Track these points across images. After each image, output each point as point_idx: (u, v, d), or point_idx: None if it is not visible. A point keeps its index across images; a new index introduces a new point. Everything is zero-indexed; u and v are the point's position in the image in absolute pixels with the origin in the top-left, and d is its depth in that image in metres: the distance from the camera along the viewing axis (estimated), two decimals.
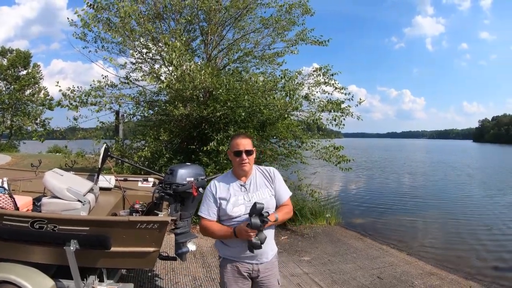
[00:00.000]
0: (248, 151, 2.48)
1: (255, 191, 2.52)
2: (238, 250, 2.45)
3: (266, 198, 2.52)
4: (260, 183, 2.57)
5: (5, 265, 2.92)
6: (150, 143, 7.41)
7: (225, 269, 2.51)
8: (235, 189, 2.51)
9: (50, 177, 3.37)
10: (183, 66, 6.74)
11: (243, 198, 2.48)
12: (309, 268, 5.36)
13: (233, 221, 2.44)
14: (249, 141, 2.55)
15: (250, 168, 2.54)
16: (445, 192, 14.63)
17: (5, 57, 31.77)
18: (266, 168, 2.68)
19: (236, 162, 2.51)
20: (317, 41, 8.84)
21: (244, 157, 2.46)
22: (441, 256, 6.61)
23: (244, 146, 2.48)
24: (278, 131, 8.18)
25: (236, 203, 2.46)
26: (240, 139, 2.52)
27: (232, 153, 2.52)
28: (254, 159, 2.58)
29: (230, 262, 2.50)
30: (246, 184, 2.53)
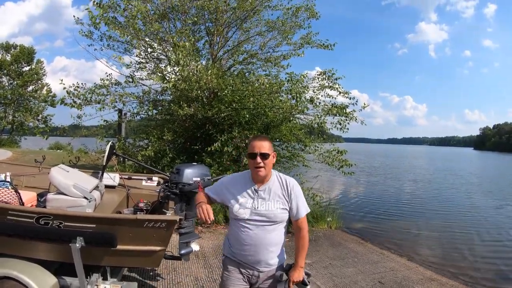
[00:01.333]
0: (263, 154, 2.33)
1: (266, 200, 2.39)
2: (240, 252, 2.42)
3: (276, 210, 2.39)
4: (275, 192, 2.43)
5: (7, 261, 2.90)
6: (154, 143, 7.42)
7: (226, 268, 2.49)
8: (248, 193, 2.42)
9: (56, 173, 3.32)
10: (190, 66, 6.75)
11: (252, 204, 2.39)
12: (310, 271, 5.34)
13: (237, 222, 2.42)
14: (268, 143, 2.39)
15: (266, 173, 2.39)
16: (447, 199, 14.59)
17: (9, 52, 31.77)
18: (287, 178, 2.50)
19: (251, 165, 2.39)
20: (322, 45, 8.86)
21: (258, 160, 2.32)
22: (441, 262, 6.60)
23: (260, 148, 2.34)
24: (282, 134, 8.19)
25: (243, 206, 2.39)
26: (257, 141, 2.38)
27: (248, 155, 2.41)
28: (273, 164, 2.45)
29: (232, 262, 2.47)
30: (260, 190, 2.41)
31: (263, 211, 2.38)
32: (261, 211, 2.38)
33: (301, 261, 2.48)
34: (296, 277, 2.41)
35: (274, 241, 2.44)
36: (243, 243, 2.40)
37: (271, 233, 2.42)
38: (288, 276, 2.41)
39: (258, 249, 2.39)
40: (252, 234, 2.37)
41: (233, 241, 2.48)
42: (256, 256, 2.41)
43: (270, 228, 2.41)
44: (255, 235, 2.37)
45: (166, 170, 6.82)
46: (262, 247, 2.40)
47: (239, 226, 2.41)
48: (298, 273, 2.43)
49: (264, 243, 2.40)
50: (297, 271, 2.43)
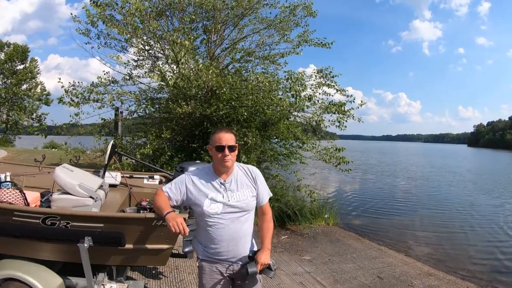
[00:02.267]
0: (231, 147, 2.35)
1: (235, 190, 2.42)
2: (216, 251, 2.40)
3: (247, 199, 2.43)
4: (242, 182, 2.47)
5: (11, 262, 2.88)
6: (152, 141, 7.41)
7: (203, 271, 2.44)
8: (215, 187, 2.40)
9: (61, 172, 3.27)
10: (189, 64, 6.75)
11: (222, 197, 2.37)
12: (310, 267, 5.42)
13: (209, 219, 2.36)
14: (233, 136, 2.42)
15: (231, 165, 2.41)
16: (443, 196, 14.75)
17: (2, 51, 31.54)
18: (248, 166, 2.57)
19: (217, 158, 2.37)
20: (320, 43, 8.87)
21: (226, 152, 2.33)
22: (438, 257, 6.69)
23: (227, 141, 2.35)
24: (279, 131, 8.23)
25: (214, 201, 2.36)
26: (223, 133, 2.39)
27: (214, 148, 2.38)
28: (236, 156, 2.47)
29: (210, 263, 2.43)
30: (226, 183, 2.41)
31: (235, 202, 2.38)
32: (233, 202, 2.38)
33: (268, 243, 2.45)
34: (264, 259, 2.34)
35: (248, 232, 2.47)
36: (219, 240, 2.37)
37: (245, 223, 2.44)
38: (256, 260, 2.35)
39: (235, 243, 2.39)
40: (227, 228, 2.36)
41: (206, 241, 2.43)
42: (234, 250, 2.40)
43: (243, 219, 2.42)
44: (230, 229, 2.37)
45: (165, 168, 6.83)
46: (238, 239, 2.41)
47: (211, 223, 2.36)
48: (266, 255, 2.37)
49: (240, 235, 2.41)
50: (265, 253, 2.38)
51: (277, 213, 7.57)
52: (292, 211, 7.61)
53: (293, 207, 7.72)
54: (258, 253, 2.37)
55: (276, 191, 7.94)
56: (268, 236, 2.49)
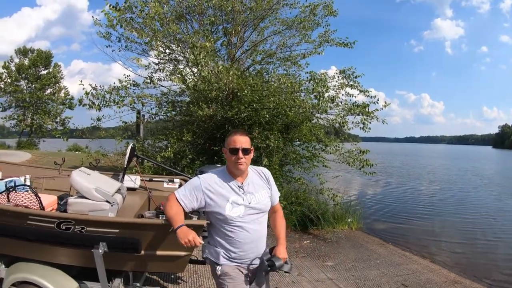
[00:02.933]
0: (245, 150, 2.34)
1: (253, 193, 2.42)
2: (240, 254, 2.37)
3: (265, 200, 2.46)
4: (257, 184, 2.48)
5: (26, 265, 2.88)
6: (173, 144, 7.38)
7: (227, 276, 2.36)
8: (234, 190, 2.38)
9: (77, 176, 3.24)
10: (209, 66, 6.70)
11: (243, 200, 2.36)
12: (333, 274, 5.26)
13: (230, 223, 2.34)
14: (248, 139, 2.40)
15: (246, 168, 2.41)
16: (470, 200, 14.20)
17: (27, 56, 32.41)
18: (259, 168, 2.59)
19: (231, 160, 2.36)
20: (342, 43, 8.69)
21: (240, 155, 2.31)
22: (464, 264, 6.45)
23: (242, 143, 2.34)
24: (302, 134, 8.11)
25: (236, 204, 2.34)
26: (238, 136, 2.37)
27: (228, 150, 2.37)
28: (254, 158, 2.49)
29: (232, 268, 2.38)
30: (244, 185, 2.40)
31: (256, 204, 2.40)
32: (254, 204, 2.39)
33: (283, 238, 2.48)
34: (283, 253, 2.36)
35: (265, 232, 2.50)
36: (242, 243, 2.35)
37: (263, 224, 2.48)
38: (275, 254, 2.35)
39: (256, 244, 2.41)
40: (250, 230, 2.36)
41: (227, 245, 2.38)
42: (256, 251, 2.42)
43: (261, 220, 2.46)
44: (252, 231, 2.37)
45: (186, 171, 6.81)
46: (260, 240, 2.44)
47: (233, 227, 2.34)
48: (283, 249, 2.39)
49: (261, 235, 2.45)
50: (282, 247, 2.40)
51: (300, 217, 7.45)
52: (315, 215, 7.45)
53: (315, 211, 7.56)
54: (276, 249, 2.39)
55: (299, 194, 7.83)
56: (283, 232, 2.53)
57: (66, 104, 32.67)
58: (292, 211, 7.36)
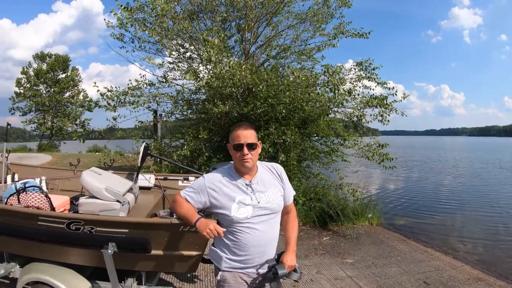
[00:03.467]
0: (250, 145, 2.13)
1: (263, 191, 2.21)
2: (245, 258, 2.18)
3: (276, 199, 2.24)
4: (268, 181, 2.27)
5: (39, 266, 2.89)
6: (189, 142, 7.37)
7: (227, 285, 2.20)
8: (241, 189, 2.18)
9: (87, 176, 3.27)
10: (222, 62, 6.64)
11: (251, 199, 2.16)
12: (352, 271, 5.15)
13: (237, 225, 2.15)
14: (253, 132, 2.19)
15: (253, 165, 2.19)
16: (493, 195, 13.60)
17: (45, 61, 33.10)
18: (271, 164, 2.37)
19: (236, 157, 2.16)
20: (357, 34, 8.51)
21: (245, 151, 2.11)
22: (488, 261, 6.21)
23: (246, 138, 2.13)
24: (320, 128, 7.99)
25: (243, 204, 2.14)
26: (241, 130, 2.16)
27: (232, 146, 2.18)
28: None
29: (234, 275, 2.20)
30: (252, 184, 2.20)
31: (265, 203, 2.19)
32: (264, 204, 2.18)
33: (293, 244, 2.28)
34: (291, 260, 2.18)
35: (276, 234, 2.29)
36: (249, 246, 2.16)
37: (275, 225, 2.27)
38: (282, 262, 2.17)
39: (266, 248, 2.22)
40: (258, 233, 2.16)
41: (232, 249, 2.19)
42: (264, 255, 2.21)
43: (273, 221, 2.25)
44: (261, 234, 2.17)
45: (203, 169, 6.77)
46: (268, 244, 2.23)
47: (240, 229, 2.15)
48: (292, 256, 2.21)
49: (270, 239, 2.24)
50: (291, 255, 2.22)
51: (319, 213, 7.34)
52: (334, 211, 7.32)
53: (335, 207, 7.43)
54: (283, 255, 2.20)
55: (318, 190, 7.71)
56: (294, 237, 2.32)
57: (85, 106, 33.24)
58: (311, 207, 7.27)
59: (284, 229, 2.38)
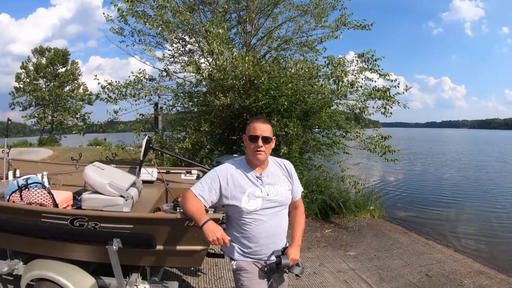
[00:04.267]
0: (265, 138, 2.21)
1: (273, 184, 2.29)
2: (255, 249, 2.27)
3: (285, 192, 2.33)
4: (277, 175, 2.35)
5: (43, 262, 2.86)
6: (191, 135, 7.33)
7: (243, 271, 2.27)
8: (252, 181, 2.25)
9: (90, 171, 3.21)
10: (224, 54, 6.58)
11: (261, 192, 2.24)
12: (355, 264, 5.17)
13: (247, 217, 2.23)
14: (269, 127, 2.27)
15: (265, 158, 2.28)
16: (495, 188, 13.58)
17: (44, 56, 32.90)
18: (282, 160, 2.45)
19: (250, 148, 2.24)
20: (359, 26, 8.43)
21: (260, 143, 2.19)
22: (489, 254, 6.23)
23: (262, 131, 2.21)
24: (322, 121, 7.95)
25: (253, 196, 2.22)
26: (259, 123, 2.24)
27: (247, 137, 2.25)
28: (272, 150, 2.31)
29: (248, 262, 2.28)
30: (262, 176, 2.28)
31: (274, 196, 2.27)
32: (273, 197, 2.26)
33: (298, 239, 2.36)
34: (295, 254, 2.25)
35: (285, 227, 2.38)
36: (258, 238, 2.25)
37: (283, 218, 2.35)
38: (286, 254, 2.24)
39: (275, 239, 2.30)
40: (266, 225, 2.24)
41: (242, 240, 2.28)
42: (273, 247, 2.29)
43: (281, 214, 2.33)
44: (270, 226, 2.26)
45: (205, 162, 6.76)
46: (278, 235, 2.32)
47: (250, 221, 2.23)
48: (296, 251, 2.28)
49: (280, 230, 2.33)
50: (295, 249, 2.29)
51: (321, 205, 7.35)
52: (336, 204, 7.32)
53: (337, 199, 7.42)
54: (288, 249, 2.28)
55: (320, 182, 7.71)
56: (299, 232, 2.41)
57: (85, 100, 33.11)
58: (313, 199, 7.26)
59: (291, 223, 2.45)
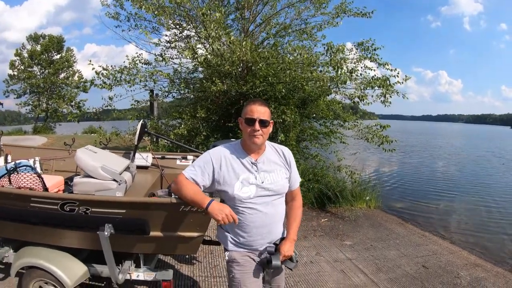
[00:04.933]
0: (263, 121, 2.07)
1: (268, 171, 2.16)
2: (249, 239, 2.16)
3: (281, 180, 2.19)
4: (274, 162, 2.21)
5: (33, 250, 2.79)
6: (187, 121, 7.24)
7: (236, 263, 2.18)
8: (246, 167, 2.13)
9: (82, 154, 3.10)
10: (221, 39, 6.45)
11: (255, 179, 2.11)
12: (352, 254, 5.15)
13: (240, 205, 2.11)
14: (267, 110, 2.13)
15: (262, 142, 2.13)
16: (491, 182, 13.69)
17: (38, 42, 32.47)
18: (280, 146, 2.31)
19: (246, 132, 2.10)
20: (360, 13, 8.30)
21: (257, 127, 2.05)
22: (485, 247, 6.24)
23: (260, 114, 2.06)
24: (319, 109, 7.86)
25: (246, 183, 2.10)
26: (256, 106, 2.09)
27: (244, 120, 2.11)
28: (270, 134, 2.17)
29: (242, 254, 2.19)
30: (258, 162, 2.15)
31: (269, 184, 2.14)
32: (267, 185, 2.13)
33: (293, 233, 2.24)
34: (287, 250, 2.14)
35: (281, 216, 2.26)
36: (251, 227, 2.13)
37: (279, 207, 2.22)
38: (279, 250, 2.15)
39: (270, 229, 2.19)
40: (260, 214, 2.12)
41: (235, 229, 2.17)
42: (268, 236, 2.19)
43: (277, 202, 2.20)
44: (264, 214, 2.13)
45: (201, 148, 6.67)
46: (273, 225, 2.20)
47: (243, 209, 2.11)
48: (289, 246, 2.17)
49: (274, 220, 2.20)
50: (289, 244, 2.18)
51: (317, 194, 7.33)
52: (333, 193, 7.29)
53: (333, 188, 7.39)
54: (282, 244, 2.18)
55: (316, 171, 7.67)
56: (295, 225, 2.28)
57: (80, 87, 32.79)
58: (309, 188, 7.23)
59: (287, 216, 2.33)
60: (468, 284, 4.41)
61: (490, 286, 4.41)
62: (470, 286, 4.37)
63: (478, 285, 4.39)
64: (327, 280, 4.26)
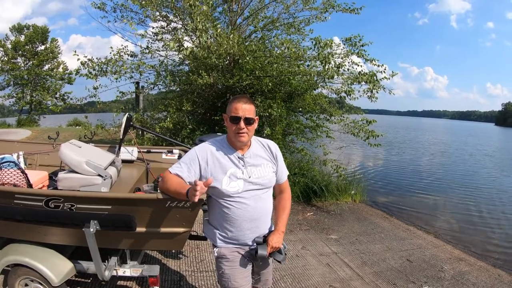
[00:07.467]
0: (248, 119, 2.05)
1: (255, 165, 2.17)
2: (238, 233, 2.16)
3: (268, 174, 2.20)
4: (261, 157, 2.22)
5: (18, 247, 2.73)
6: (173, 114, 7.16)
7: (225, 260, 2.19)
8: (233, 162, 2.13)
9: (66, 149, 3.05)
10: (208, 31, 6.38)
11: (242, 173, 2.12)
12: (337, 247, 5.21)
13: (228, 200, 2.11)
14: (252, 107, 2.10)
15: (248, 140, 2.14)
16: (475, 176, 14.00)
17: (22, 33, 31.79)
18: (266, 141, 2.31)
19: (231, 130, 2.08)
20: (348, 9, 8.27)
21: (241, 125, 2.04)
22: (469, 241, 6.37)
23: (244, 112, 2.05)
24: (306, 103, 7.88)
25: (234, 177, 2.10)
26: (241, 103, 2.07)
27: (229, 118, 2.09)
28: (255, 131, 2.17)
29: (230, 250, 2.19)
30: (245, 157, 2.15)
31: (256, 179, 2.15)
32: (254, 179, 2.14)
33: (282, 225, 2.25)
34: (276, 242, 2.14)
35: (270, 210, 2.27)
36: (239, 222, 2.13)
37: (267, 201, 2.23)
38: (267, 241, 2.15)
39: (258, 223, 2.19)
40: (248, 208, 2.13)
41: (223, 224, 2.17)
42: (257, 231, 2.20)
43: (265, 196, 2.21)
44: (252, 209, 2.14)
45: (186, 142, 6.62)
46: (262, 219, 2.21)
47: (231, 204, 2.11)
48: (278, 238, 2.17)
49: (262, 214, 2.20)
50: (277, 236, 2.18)
51: (303, 188, 7.35)
52: (318, 187, 7.33)
53: (319, 182, 7.44)
54: (270, 235, 2.18)
55: (302, 165, 7.71)
56: (283, 218, 2.29)
57: (65, 79, 32.24)
58: (295, 182, 7.25)
59: (275, 208, 2.34)
60: (451, 277, 4.49)
61: (473, 279, 4.49)
62: (454, 279, 4.45)
63: (461, 279, 4.47)
64: (313, 274, 4.29)
